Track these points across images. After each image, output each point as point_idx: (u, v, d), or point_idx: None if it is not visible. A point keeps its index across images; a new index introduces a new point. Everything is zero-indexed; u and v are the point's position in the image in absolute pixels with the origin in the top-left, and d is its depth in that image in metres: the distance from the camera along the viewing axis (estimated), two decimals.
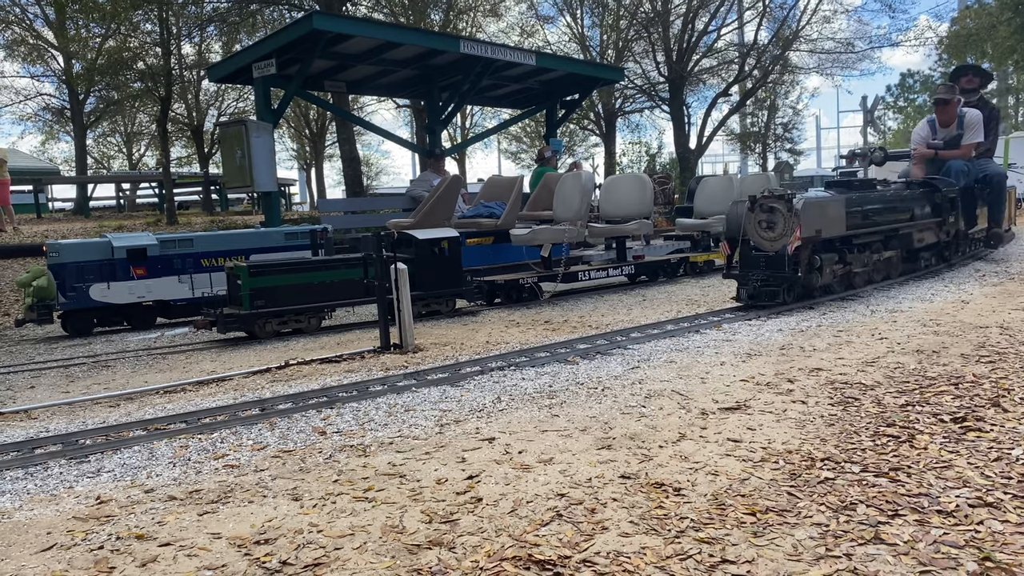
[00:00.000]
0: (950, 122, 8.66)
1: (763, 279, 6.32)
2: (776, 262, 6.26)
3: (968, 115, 8.60)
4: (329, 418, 3.59)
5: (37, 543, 2.29)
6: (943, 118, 8.72)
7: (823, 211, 6.36)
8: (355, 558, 2.11)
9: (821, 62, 25.62)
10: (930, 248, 8.13)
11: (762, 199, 6.31)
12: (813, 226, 6.20)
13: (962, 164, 8.61)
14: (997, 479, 2.50)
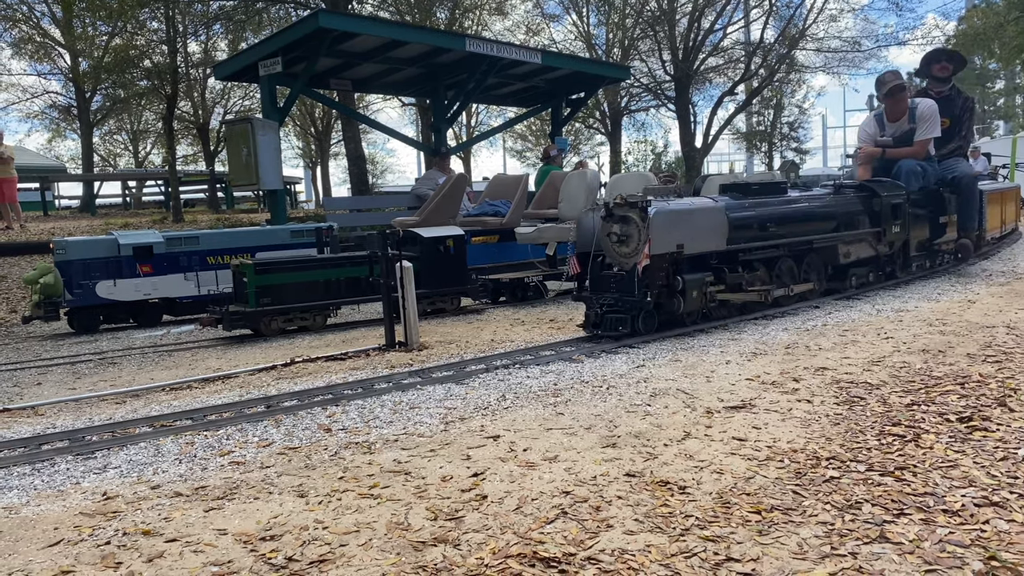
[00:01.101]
0: (900, 115, 7.58)
1: (611, 304, 5.27)
2: (627, 283, 5.19)
3: (920, 107, 7.46)
4: (335, 415, 3.60)
5: (44, 538, 2.30)
6: (892, 111, 7.65)
7: (688, 222, 5.32)
8: (360, 554, 2.12)
9: (827, 61, 25.55)
10: (865, 263, 7.02)
11: (615, 206, 5.30)
12: (671, 240, 5.14)
13: (915, 164, 7.42)
14: (1003, 479, 2.49)
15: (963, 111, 8.22)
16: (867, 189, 7.01)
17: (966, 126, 8.23)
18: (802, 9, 23.36)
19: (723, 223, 5.54)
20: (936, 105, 7.56)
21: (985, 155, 18.27)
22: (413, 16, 19.91)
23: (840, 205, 6.73)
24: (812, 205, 6.53)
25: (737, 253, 5.71)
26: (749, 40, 25.25)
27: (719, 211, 5.57)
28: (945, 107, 7.96)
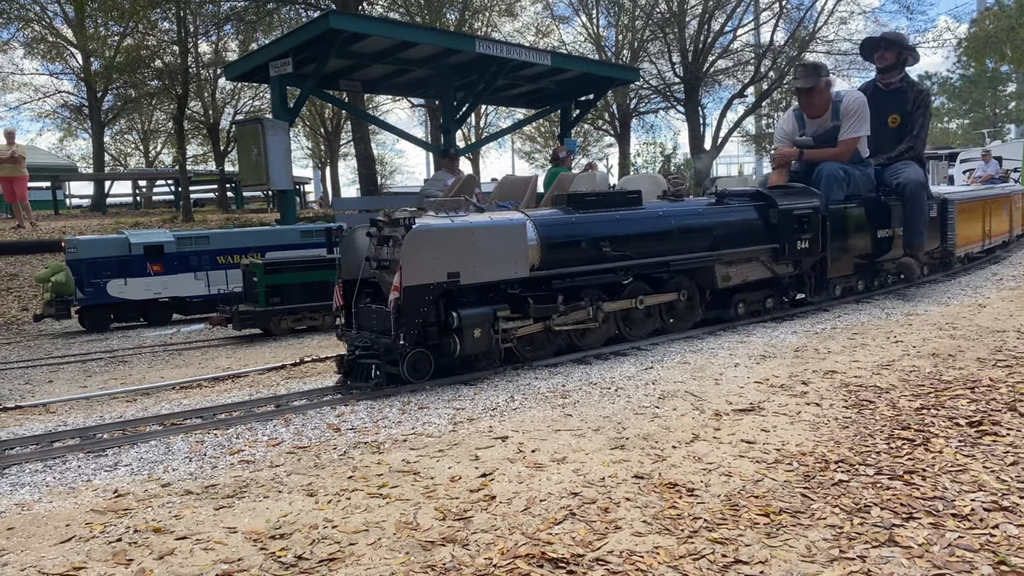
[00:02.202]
0: (820, 112, 6.51)
1: (365, 346, 4.28)
2: (385, 320, 4.14)
3: (846, 101, 6.38)
4: (343, 415, 3.61)
5: (56, 535, 2.32)
6: (810, 109, 6.56)
7: (467, 243, 4.24)
8: (369, 553, 2.13)
9: (838, 63, 25.48)
10: (759, 287, 5.87)
11: (382, 223, 4.40)
12: (437, 266, 4.13)
13: (836, 168, 6.25)
14: (1013, 483, 2.48)
15: (916, 106, 7.01)
16: (763, 198, 5.86)
17: (919, 123, 7.01)
18: (812, 11, 23.32)
19: (526, 244, 4.43)
20: (863, 99, 6.48)
21: (996, 159, 18.19)
22: (423, 17, 19.95)
23: (719, 217, 5.56)
24: (674, 219, 5.29)
25: (551, 279, 4.61)
26: (759, 42, 25.21)
27: (518, 229, 4.42)
28: (895, 101, 7.03)
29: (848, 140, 6.40)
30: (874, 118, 6.65)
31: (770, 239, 5.74)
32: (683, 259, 5.27)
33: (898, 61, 7.03)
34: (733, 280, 5.61)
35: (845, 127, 6.39)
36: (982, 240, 8.95)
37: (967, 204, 8.38)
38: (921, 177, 6.82)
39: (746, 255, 5.66)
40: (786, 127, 6.88)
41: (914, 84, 7.11)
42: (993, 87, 52.34)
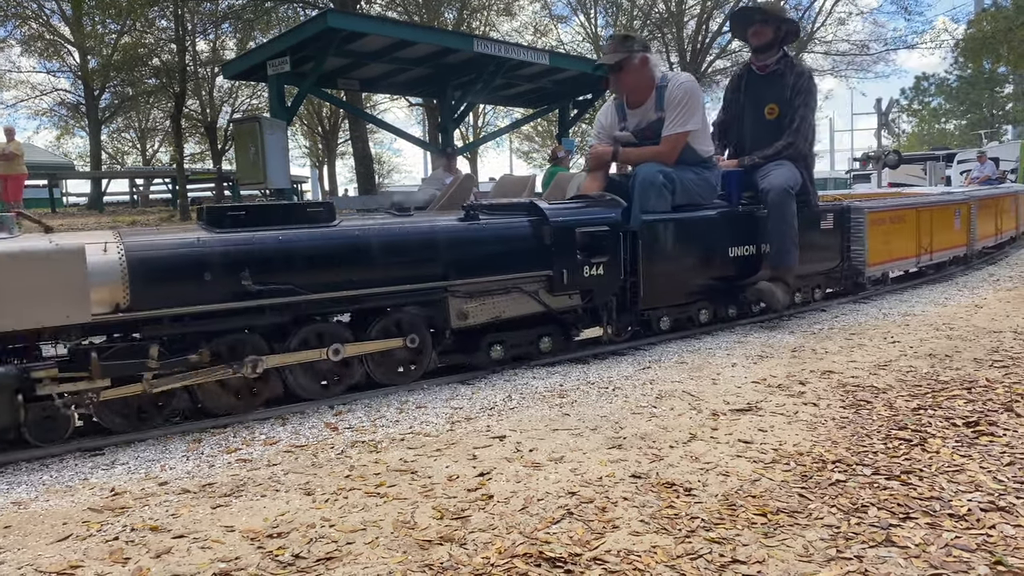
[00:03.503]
0: (639, 98, 5.03)
1: None
2: None
3: (671, 87, 4.90)
4: (341, 414, 3.61)
5: (53, 533, 2.32)
6: (629, 96, 5.10)
7: None
8: (367, 552, 2.13)
9: (835, 64, 25.60)
10: (529, 323, 4.47)
11: None
12: None
13: (654, 172, 4.79)
14: (1010, 483, 2.49)
15: (796, 93, 5.55)
16: (534, 211, 4.45)
17: (799, 114, 5.55)
18: (811, 12, 23.36)
19: (84, 278, 3.09)
20: (691, 84, 4.99)
21: (992, 160, 18.23)
22: (421, 16, 19.96)
23: (456, 237, 4.16)
24: (377, 240, 3.88)
25: (145, 324, 3.36)
26: None
27: (66, 259, 3.07)
28: (772, 88, 5.68)
29: (672, 136, 4.88)
30: (750, 109, 5.77)
31: (541, 264, 4.33)
32: (383, 292, 3.87)
33: (776, 38, 5.62)
34: (477, 318, 4.21)
35: (669, 119, 4.89)
36: (916, 255, 7.39)
37: (888, 213, 6.92)
38: (789, 180, 5.32)
39: (499, 285, 4.25)
40: (604, 119, 5.32)
41: (794, 66, 5.69)
42: (990, 88, 52.51)
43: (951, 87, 54.63)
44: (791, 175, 5.41)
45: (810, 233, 5.87)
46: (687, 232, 5.04)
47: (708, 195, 5.22)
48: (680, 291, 5.11)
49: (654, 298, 4.89)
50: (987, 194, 9.60)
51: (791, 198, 5.34)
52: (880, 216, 6.76)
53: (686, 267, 5.07)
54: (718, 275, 5.31)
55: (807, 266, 5.83)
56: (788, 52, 5.81)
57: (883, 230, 6.78)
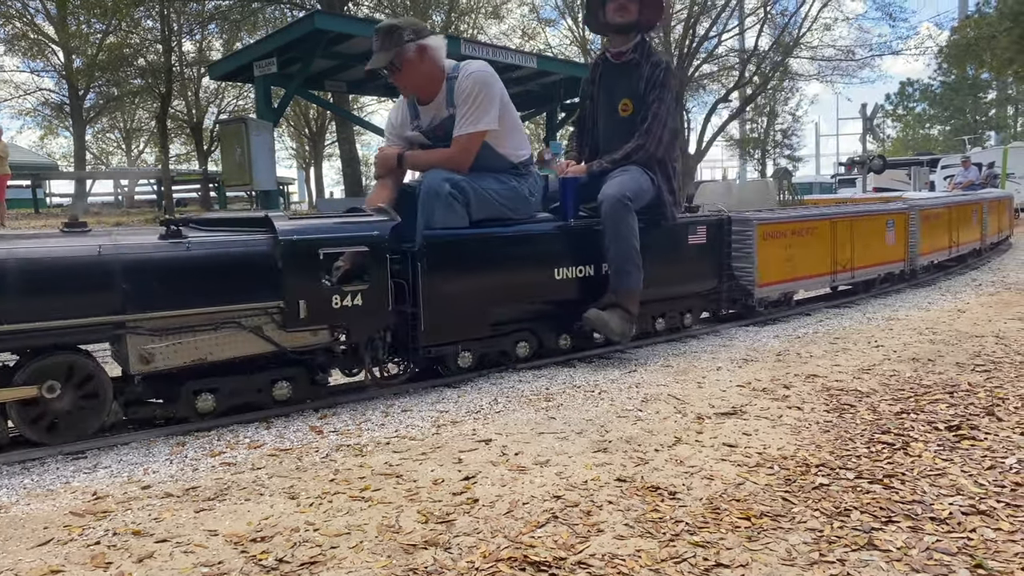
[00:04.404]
0: (428, 94, 4.24)
1: None
2: None
3: (460, 80, 4.13)
4: (326, 417, 3.60)
5: (34, 537, 2.30)
6: (415, 92, 4.27)
7: None
8: (351, 557, 2.12)
9: (821, 69, 25.77)
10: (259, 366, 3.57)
11: None
12: None
13: (439, 181, 4.02)
14: (990, 487, 2.51)
15: (651, 86, 4.69)
16: (266, 227, 3.57)
17: (653, 112, 4.68)
18: (797, 17, 23.52)
19: None
20: (484, 76, 4.15)
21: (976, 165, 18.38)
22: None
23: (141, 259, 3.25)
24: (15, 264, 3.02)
25: None
26: (744, 47, 25.40)
27: None
28: (626, 81, 4.81)
29: (463, 138, 4.11)
30: (603, 105, 4.96)
31: (269, 292, 3.46)
32: (16, 332, 3.02)
33: (639, 19, 4.75)
34: (169, 361, 3.30)
35: (459, 118, 4.13)
36: (831, 273, 6.51)
37: (789, 225, 6.04)
38: (626, 189, 4.47)
39: (204, 320, 3.34)
40: (394, 117, 4.48)
41: (651, 55, 4.79)
42: (974, 94, 53.05)
43: (935, 93, 55.14)
44: (631, 182, 4.55)
45: (672, 250, 5.09)
46: (488, 252, 4.19)
47: (520, 207, 4.36)
48: (482, 322, 4.21)
49: (441, 332, 4.04)
50: (937, 203, 8.71)
51: (627, 210, 4.43)
52: (776, 229, 5.91)
53: (489, 293, 4.20)
54: (542, 301, 4.49)
55: (670, 288, 5.12)
56: (647, 39, 4.90)
57: (781, 245, 5.93)
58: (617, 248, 4.45)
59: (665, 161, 4.80)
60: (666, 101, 4.72)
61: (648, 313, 5.01)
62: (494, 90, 4.16)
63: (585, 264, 4.60)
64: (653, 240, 4.79)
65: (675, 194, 4.90)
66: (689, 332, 5.39)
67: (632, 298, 4.52)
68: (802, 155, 46.42)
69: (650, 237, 4.72)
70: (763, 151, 39.08)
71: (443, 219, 4.00)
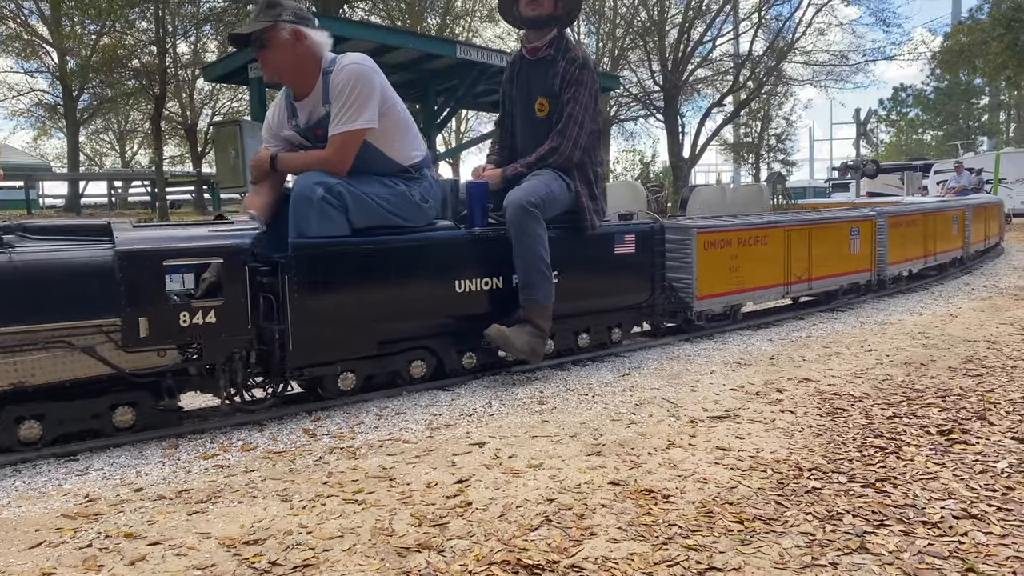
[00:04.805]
0: (306, 89, 3.84)
1: None
2: None
3: (334, 75, 3.70)
4: (319, 420, 3.59)
5: (26, 540, 2.29)
6: (290, 83, 3.89)
7: None
8: (344, 559, 2.12)
9: (815, 74, 25.86)
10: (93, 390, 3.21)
11: None
12: None
13: (311, 185, 3.62)
14: (982, 491, 2.52)
15: (566, 84, 4.33)
16: (105, 236, 3.26)
17: (569, 112, 4.31)
18: (791, 22, 23.60)
19: None
20: (361, 69, 3.67)
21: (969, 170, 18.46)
22: (404, 21, 19.95)
23: None
24: None
25: None
26: (738, 52, 25.48)
27: None
28: (543, 78, 4.44)
29: (338, 137, 3.68)
30: (520, 104, 4.60)
31: (105, 308, 3.10)
32: None
33: (555, 13, 4.38)
34: None
35: (334, 115, 3.71)
36: (784, 283, 6.09)
37: (735, 234, 5.63)
38: (532, 194, 4.13)
39: (21, 339, 2.97)
40: (271, 116, 4.10)
41: (568, 51, 4.38)
42: (966, 100, 53.32)
43: (928, 98, 55.43)
44: (540, 187, 4.21)
45: (595, 260, 4.69)
46: (371, 263, 3.80)
47: (411, 214, 3.94)
48: (366, 340, 3.81)
49: (315, 351, 3.64)
50: (910, 209, 8.31)
51: (532, 217, 4.10)
52: (721, 237, 5.51)
53: (374, 309, 3.80)
54: (441, 317, 4.08)
55: (593, 301, 4.74)
56: (567, 34, 4.51)
57: (726, 255, 5.54)
58: (523, 259, 4.13)
59: (585, 165, 4.47)
60: (582, 100, 4.33)
61: (569, 328, 4.68)
62: (372, 84, 3.69)
63: (493, 276, 4.22)
64: (572, 250, 4.50)
65: (597, 200, 4.58)
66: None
67: (542, 313, 4.18)
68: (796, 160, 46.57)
69: (569, 247, 4.46)
70: (757, 155, 39.20)
71: (318, 227, 3.63)
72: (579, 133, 4.34)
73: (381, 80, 3.77)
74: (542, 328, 4.18)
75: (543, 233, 4.17)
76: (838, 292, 6.90)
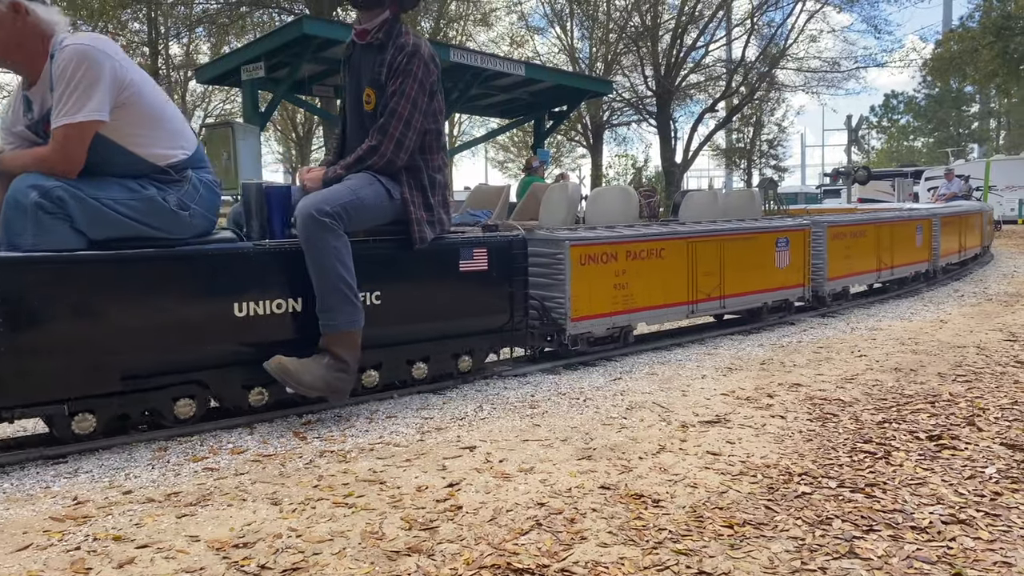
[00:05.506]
0: (34, 76, 3.19)
1: None
2: None
3: (58, 56, 3.01)
4: (310, 423, 3.58)
5: (13, 543, 2.27)
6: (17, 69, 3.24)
7: None
8: (334, 563, 2.12)
9: (807, 80, 25.98)
10: None
11: None
12: None
13: (24, 187, 2.99)
14: (970, 497, 2.54)
15: (394, 74, 3.75)
16: None
17: (392, 107, 3.72)
18: (783, 29, 23.71)
19: None
20: (86, 49, 3.01)
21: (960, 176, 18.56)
22: None
23: None
24: None
25: None
26: (731, 58, 25.59)
27: None
28: (369, 66, 3.88)
29: (60, 131, 3.04)
30: (351, 95, 4.05)
31: None
32: None
33: None
34: None
35: (55, 105, 3.08)
36: (690, 302, 5.43)
37: (623, 247, 4.98)
38: (331, 202, 3.53)
39: None
40: (7, 111, 3.51)
41: (398, 36, 3.80)
42: (957, 107, 53.63)
43: (919, 105, 55.76)
44: (343, 193, 3.60)
45: (431, 278, 4.06)
46: (103, 282, 3.15)
47: (163, 222, 3.30)
48: (100, 374, 3.16)
49: (30, 388, 3.02)
50: (856, 219, 7.70)
51: (325, 229, 3.48)
52: (602, 251, 4.85)
53: (116, 337, 3.16)
54: (214, 345, 3.40)
55: (430, 325, 4.07)
56: (400, 19, 3.93)
57: (610, 270, 4.90)
58: (319, 278, 3.52)
59: (419, 169, 3.88)
60: (409, 94, 3.73)
61: (400, 357, 3.99)
62: (98, 68, 3.03)
63: (289, 298, 3.58)
64: (403, 266, 3.93)
65: (434, 210, 3.96)
66: (675, 341, 5.28)
67: (343, 342, 3.54)
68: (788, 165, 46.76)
69: (397, 263, 3.91)
70: (749, 161, 39.34)
71: (33, 239, 3.01)
72: (404, 131, 3.74)
73: (115, 64, 3.08)
74: (343, 360, 3.53)
75: (342, 247, 3.54)
76: (762, 309, 6.20)
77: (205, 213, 3.45)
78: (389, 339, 3.91)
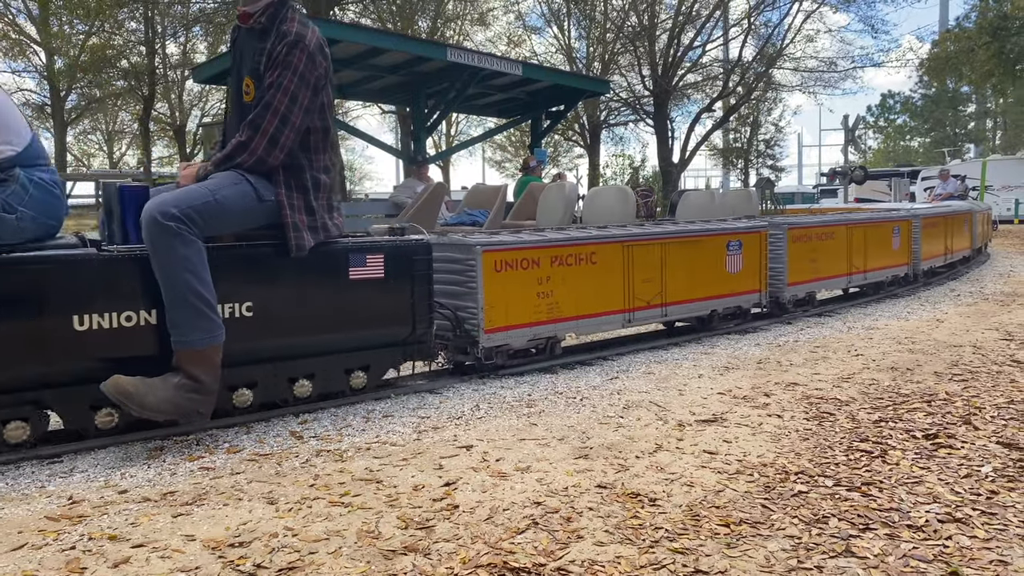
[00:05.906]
0: None
1: None
2: None
3: None
4: (306, 422, 3.58)
5: (8, 542, 2.27)
6: None
7: None
8: (330, 562, 2.11)
9: (804, 80, 25.98)
10: None
11: None
12: None
13: None
14: (966, 495, 2.54)
15: (272, 65, 3.41)
16: None
17: (268, 100, 3.37)
18: (780, 29, 23.73)
19: None
20: None
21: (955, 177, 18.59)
22: (395, 24, 19.94)
23: None
24: None
25: None
26: (728, 58, 25.59)
27: None
28: (251, 53, 3.55)
29: None
30: (232, 84, 3.75)
31: None
32: None
33: None
34: None
35: None
36: (627, 310, 5.06)
37: (549, 251, 4.62)
38: (180, 204, 3.13)
39: None
40: None
41: (283, 22, 3.47)
42: (953, 107, 53.70)
43: (916, 105, 55.84)
44: (193, 195, 3.21)
45: (315, 288, 3.65)
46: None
47: None
48: None
49: None
50: (822, 220, 7.31)
51: (171, 234, 3.07)
52: (520, 256, 4.48)
53: None
54: (48, 363, 3.04)
55: (313, 338, 3.67)
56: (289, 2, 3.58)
57: (531, 277, 4.52)
58: (166, 289, 3.13)
59: (300, 168, 3.54)
60: (287, 88, 3.38)
61: (281, 374, 3.64)
62: None
63: (140, 309, 3.20)
64: (280, 274, 3.54)
65: (316, 214, 3.59)
66: (672, 340, 5.28)
67: (196, 360, 3.16)
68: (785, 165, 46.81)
69: (274, 270, 3.53)
70: (746, 161, 39.39)
71: None
72: (279, 128, 3.38)
73: None
74: (198, 379, 3.16)
75: (193, 255, 3.14)
76: (712, 317, 5.79)
77: (37, 216, 3.09)
78: (264, 354, 3.55)
